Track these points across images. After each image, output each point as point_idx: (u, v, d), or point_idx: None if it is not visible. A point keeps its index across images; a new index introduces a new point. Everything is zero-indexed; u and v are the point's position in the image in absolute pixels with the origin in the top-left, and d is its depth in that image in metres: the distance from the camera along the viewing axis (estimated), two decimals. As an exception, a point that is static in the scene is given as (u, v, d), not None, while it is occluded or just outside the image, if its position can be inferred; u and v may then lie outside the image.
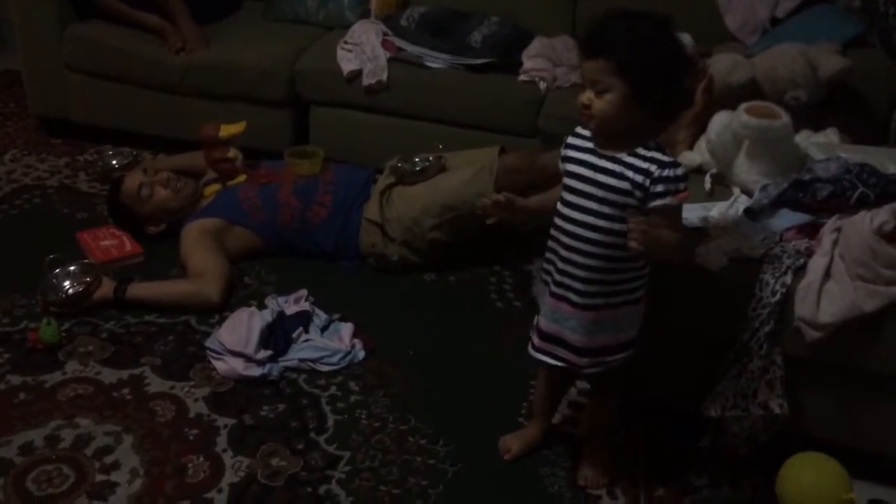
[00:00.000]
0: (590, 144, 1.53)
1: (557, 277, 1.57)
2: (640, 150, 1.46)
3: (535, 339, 1.67)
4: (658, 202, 1.44)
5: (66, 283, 2.16)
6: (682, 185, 1.46)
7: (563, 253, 1.54)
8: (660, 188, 1.44)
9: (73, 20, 2.94)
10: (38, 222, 2.58)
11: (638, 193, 1.46)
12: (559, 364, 1.64)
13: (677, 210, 1.49)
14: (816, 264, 1.63)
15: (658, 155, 1.46)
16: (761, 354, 1.65)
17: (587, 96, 1.44)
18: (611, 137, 1.48)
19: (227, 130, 2.44)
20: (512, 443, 1.80)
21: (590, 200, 1.50)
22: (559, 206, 1.56)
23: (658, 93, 1.41)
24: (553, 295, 1.59)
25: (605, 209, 1.49)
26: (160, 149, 2.96)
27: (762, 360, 1.65)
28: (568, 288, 1.56)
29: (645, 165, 1.45)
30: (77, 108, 3.03)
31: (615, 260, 1.51)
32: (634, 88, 1.40)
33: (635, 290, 1.57)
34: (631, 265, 1.53)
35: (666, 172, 1.44)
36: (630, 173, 1.46)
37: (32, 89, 3.07)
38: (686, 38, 1.47)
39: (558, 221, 1.56)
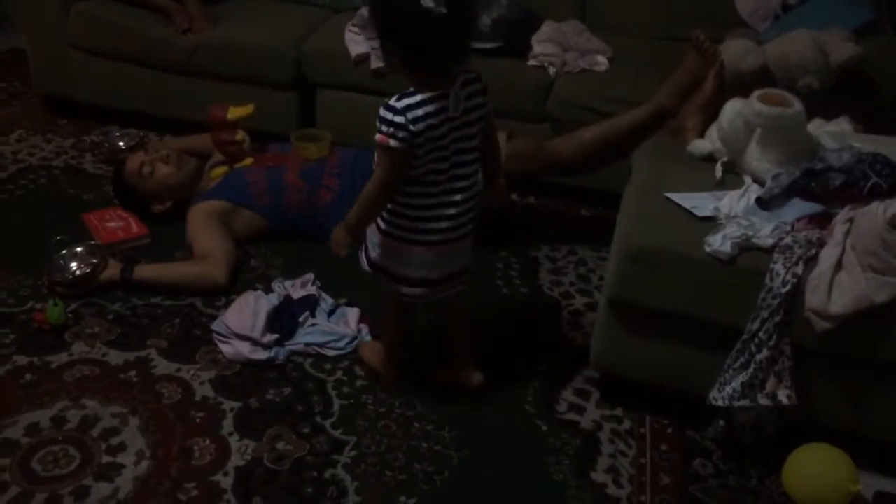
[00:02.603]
0: None
1: (461, 220, 1.70)
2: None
3: (424, 290, 1.75)
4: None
5: (73, 265, 2.15)
6: (382, 126, 1.54)
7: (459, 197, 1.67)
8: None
9: (79, -2, 2.92)
10: (43, 203, 2.57)
11: None
12: (446, 295, 1.79)
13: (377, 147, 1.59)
14: (828, 255, 1.62)
15: (392, 99, 1.55)
16: (770, 345, 1.64)
17: None
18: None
19: (235, 113, 2.43)
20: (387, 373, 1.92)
21: None
22: None
23: (389, 44, 1.57)
24: (455, 239, 1.72)
25: None
26: (167, 130, 2.95)
27: (771, 351, 1.64)
28: (469, 223, 1.72)
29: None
30: (82, 87, 3.01)
31: None
32: (379, 41, 1.60)
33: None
34: None
35: (380, 112, 1.55)
36: None
37: (37, 68, 3.06)
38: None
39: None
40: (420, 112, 1.54)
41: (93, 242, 2.27)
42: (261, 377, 1.93)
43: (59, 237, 2.20)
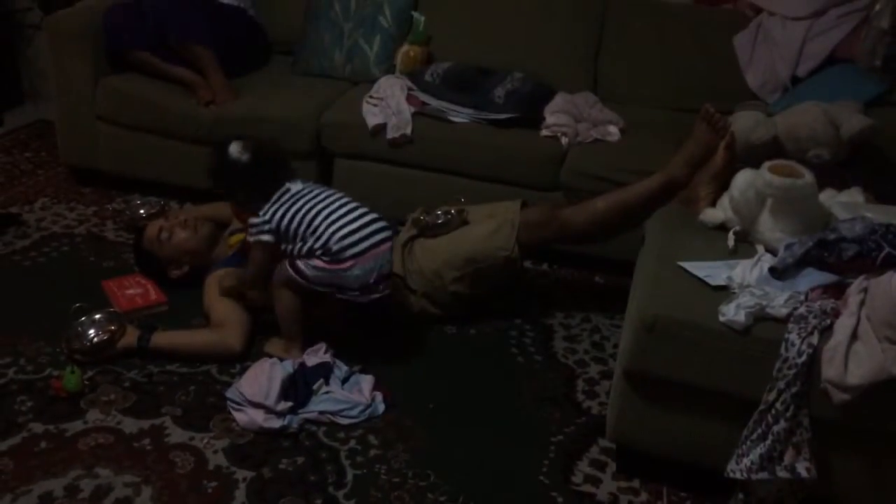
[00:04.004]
0: None
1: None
2: None
3: (365, 296, 2.09)
4: None
5: (91, 332, 2.17)
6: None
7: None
8: None
9: (107, 73, 3.03)
10: (64, 270, 2.61)
11: None
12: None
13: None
14: (843, 325, 1.61)
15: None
16: (787, 416, 1.62)
17: None
18: None
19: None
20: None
21: None
22: None
23: (229, 187, 2.19)
24: (378, 244, 2.07)
25: None
26: (187, 198, 3.01)
27: (788, 422, 1.62)
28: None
29: None
30: (107, 157, 3.09)
31: None
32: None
33: None
34: None
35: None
36: None
37: (64, 139, 3.14)
38: (233, 147, 2.13)
39: None
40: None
41: (111, 310, 2.29)
42: (274, 446, 1.93)
43: (77, 304, 2.22)
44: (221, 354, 2.19)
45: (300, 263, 2.07)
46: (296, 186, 2.15)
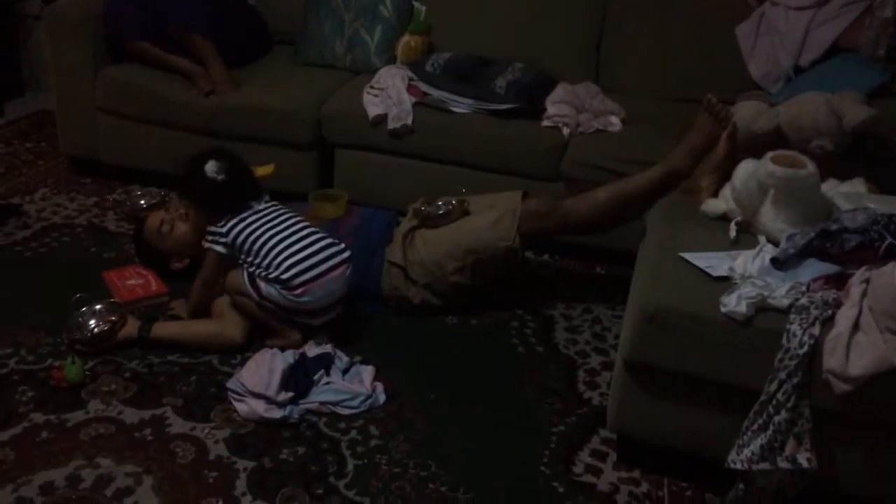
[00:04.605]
0: None
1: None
2: None
3: (316, 320, 2.19)
4: None
5: (92, 322, 2.18)
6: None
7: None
8: None
9: (107, 63, 3.02)
10: (65, 261, 2.61)
11: None
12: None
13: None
14: (845, 316, 1.61)
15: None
16: (788, 406, 1.62)
17: None
18: None
19: (258, 172, 2.47)
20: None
21: None
22: None
23: (198, 201, 2.33)
24: (329, 270, 2.16)
25: None
26: (187, 189, 3.00)
27: (790, 413, 1.62)
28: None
29: None
30: (107, 147, 3.09)
31: None
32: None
33: None
34: None
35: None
36: None
37: (64, 129, 3.14)
38: (209, 166, 2.23)
39: None
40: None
41: (112, 300, 2.30)
42: (275, 436, 1.93)
43: (78, 295, 2.23)
44: (222, 345, 2.19)
45: (258, 280, 2.15)
46: (258, 205, 2.24)
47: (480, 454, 1.91)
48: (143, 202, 2.91)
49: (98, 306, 2.22)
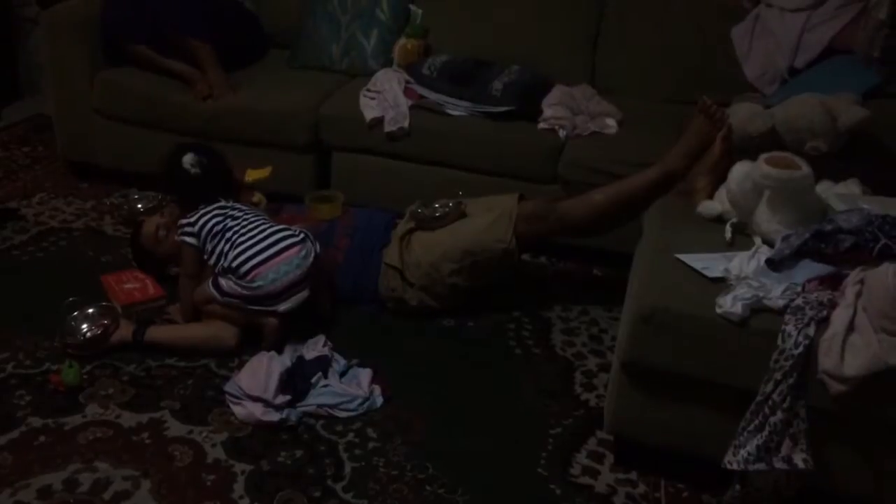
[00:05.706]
0: None
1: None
2: None
3: (281, 305, 2.17)
4: None
5: (84, 326, 2.18)
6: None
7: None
8: None
9: (104, 67, 3.02)
10: (63, 265, 2.62)
11: None
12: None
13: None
14: (840, 316, 1.61)
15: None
16: (784, 407, 1.62)
17: None
18: None
19: (253, 175, 2.48)
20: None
21: None
22: None
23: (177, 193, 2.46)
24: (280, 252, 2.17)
25: None
26: (184, 192, 3.00)
27: (785, 413, 1.62)
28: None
29: None
30: (104, 151, 3.09)
31: None
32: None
33: None
34: None
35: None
36: None
37: (62, 133, 3.14)
38: (186, 158, 2.33)
39: None
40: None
41: (105, 304, 2.29)
42: (273, 439, 1.93)
43: (71, 298, 2.23)
44: (216, 348, 2.19)
45: (220, 279, 2.19)
46: (226, 202, 2.32)
47: (478, 456, 1.91)
48: (140, 206, 2.91)
49: (90, 310, 2.22)
